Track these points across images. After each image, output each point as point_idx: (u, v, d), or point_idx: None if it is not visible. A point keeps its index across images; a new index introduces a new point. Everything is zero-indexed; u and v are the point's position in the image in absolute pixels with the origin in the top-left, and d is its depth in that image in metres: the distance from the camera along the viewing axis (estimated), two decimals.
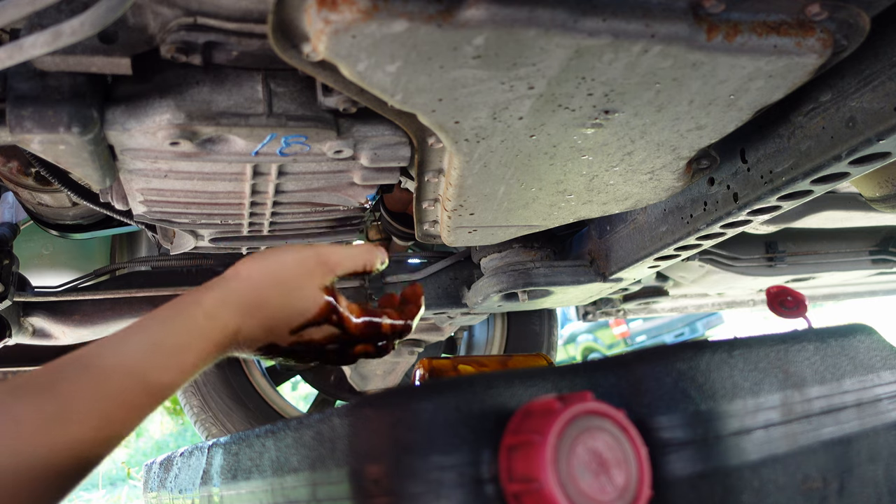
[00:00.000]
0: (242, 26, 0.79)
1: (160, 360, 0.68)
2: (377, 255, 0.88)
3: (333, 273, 0.81)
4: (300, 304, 0.78)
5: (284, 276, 0.78)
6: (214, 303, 0.74)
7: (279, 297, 0.77)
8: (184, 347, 0.70)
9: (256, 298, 0.76)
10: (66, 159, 0.88)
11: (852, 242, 2.11)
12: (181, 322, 0.72)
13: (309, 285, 0.79)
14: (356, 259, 0.85)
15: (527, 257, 1.66)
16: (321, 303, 0.79)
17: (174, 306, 0.74)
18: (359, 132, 0.96)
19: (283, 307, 0.77)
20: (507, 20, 0.66)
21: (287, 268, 0.79)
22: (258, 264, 0.79)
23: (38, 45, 0.66)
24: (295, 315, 0.78)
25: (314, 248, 0.82)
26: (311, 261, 0.80)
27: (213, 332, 0.72)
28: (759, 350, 0.68)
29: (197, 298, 0.74)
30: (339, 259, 0.83)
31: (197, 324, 0.72)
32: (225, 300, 0.75)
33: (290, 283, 0.78)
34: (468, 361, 1.00)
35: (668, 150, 1.01)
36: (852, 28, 0.80)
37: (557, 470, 0.52)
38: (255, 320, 0.76)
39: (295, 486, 0.68)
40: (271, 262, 0.79)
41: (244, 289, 0.77)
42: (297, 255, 0.80)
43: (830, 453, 0.67)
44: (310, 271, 0.79)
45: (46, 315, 1.64)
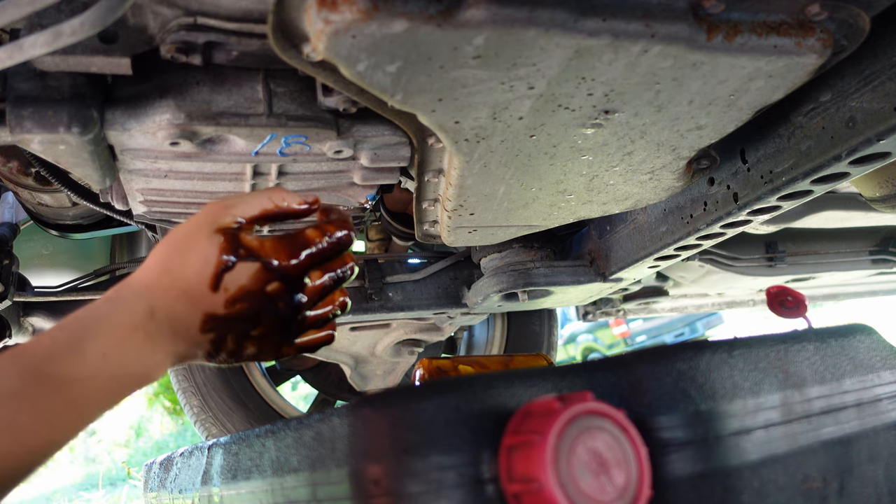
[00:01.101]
0: (242, 26, 0.79)
1: (53, 350, 0.63)
2: (287, 194, 0.79)
3: (228, 214, 0.73)
4: (199, 255, 0.71)
5: (175, 239, 0.73)
6: (115, 289, 0.71)
7: (177, 257, 0.72)
8: (81, 335, 0.64)
9: (155, 270, 0.72)
10: (66, 159, 0.88)
11: (852, 242, 2.11)
12: (80, 313, 0.67)
13: (201, 233, 0.72)
14: (257, 197, 0.76)
15: (527, 257, 1.66)
16: (217, 243, 0.71)
17: (84, 306, 0.70)
18: (359, 132, 0.96)
19: (184, 265, 0.71)
20: (507, 20, 0.66)
21: (177, 232, 0.74)
22: (156, 246, 0.75)
23: (38, 45, 0.66)
24: (199, 268, 0.71)
25: (208, 205, 0.76)
26: (199, 216, 0.74)
27: (117, 316, 0.67)
28: (759, 350, 0.68)
29: (106, 294, 0.70)
30: (233, 201, 0.75)
31: (97, 311, 0.67)
32: (126, 284, 0.71)
33: (182, 240, 0.72)
34: (468, 361, 1.00)
35: (668, 150, 1.01)
36: (852, 28, 0.80)
37: (557, 470, 0.52)
38: (166, 291, 0.70)
39: (295, 486, 0.68)
40: (165, 238, 0.74)
41: (143, 268, 0.73)
42: (188, 220, 0.75)
43: (830, 453, 0.67)
44: (198, 222, 0.73)
45: (46, 315, 1.64)
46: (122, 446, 9.95)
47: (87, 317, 0.66)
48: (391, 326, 2.07)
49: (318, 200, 0.81)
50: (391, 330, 2.09)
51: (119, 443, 10.37)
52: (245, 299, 0.72)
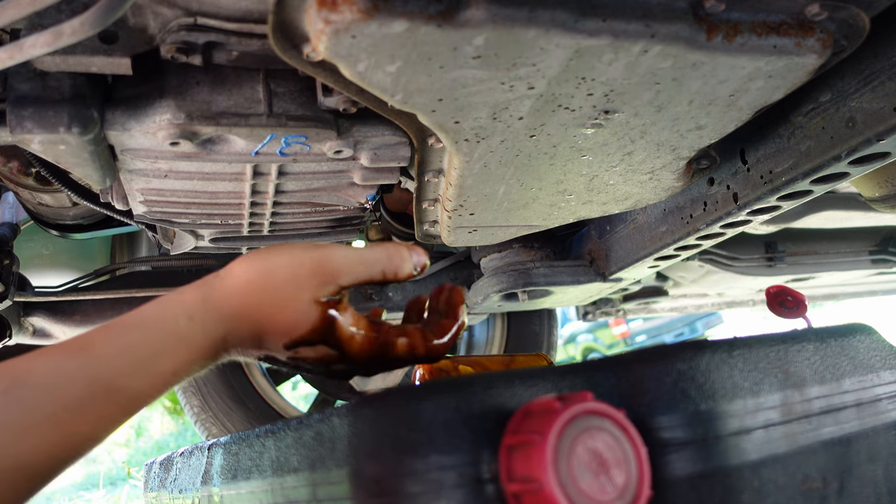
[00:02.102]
0: (242, 26, 0.79)
1: (130, 366, 0.61)
2: (405, 259, 0.73)
3: (334, 283, 0.69)
4: (289, 318, 0.68)
5: (275, 281, 0.68)
6: (197, 304, 0.66)
7: (268, 305, 0.67)
8: (160, 352, 0.63)
9: (244, 303, 0.67)
10: (67, 159, 0.88)
11: (852, 242, 2.12)
12: (158, 324, 0.64)
13: (300, 297, 0.67)
14: (369, 265, 0.71)
15: (527, 257, 1.66)
16: (313, 319, 0.68)
17: (153, 306, 0.66)
18: (359, 132, 0.96)
19: (271, 318, 0.68)
20: (507, 20, 0.67)
21: (278, 273, 0.68)
22: (250, 264, 0.69)
23: (38, 45, 0.66)
24: (284, 329, 0.68)
25: (316, 249, 0.69)
26: (306, 267, 0.68)
27: (194, 337, 0.65)
28: (759, 350, 0.68)
29: (179, 298, 0.67)
30: (343, 266, 0.69)
31: (176, 326, 0.64)
32: (209, 302, 0.67)
33: (280, 291, 0.68)
34: (468, 362, 1.00)
35: (668, 150, 1.01)
36: (852, 28, 0.80)
37: (557, 470, 0.52)
38: (244, 328, 0.68)
39: (295, 486, 0.68)
40: (264, 264, 0.69)
41: (231, 291, 0.68)
42: (292, 259, 0.69)
43: (830, 453, 0.68)
44: (302, 280, 0.68)
45: (47, 315, 1.64)
46: (122, 446, 9.96)
47: (164, 329, 0.64)
48: None
49: (426, 266, 0.75)
50: None
51: (119, 442, 10.38)
52: (307, 362, 0.71)
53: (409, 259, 0.73)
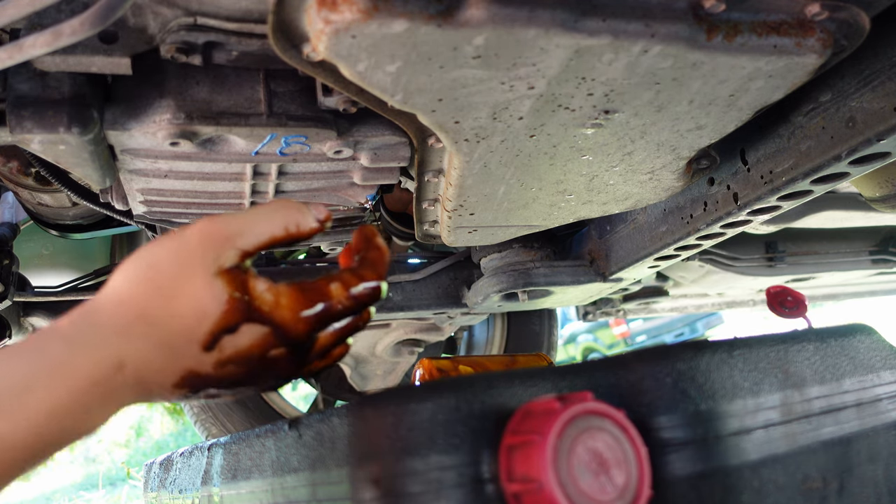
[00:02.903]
0: (242, 26, 0.79)
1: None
2: (303, 210, 0.63)
3: (233, 248, 0.58)
4: (192, 305, 0.56)
5: (161, 271, 0.56)
6: (74, 325, 0.54)
7: (160, 301, 0.56)
8: (29, 387, 0.50)
9: (133, 309, 0.55)
10: (66, 159, 0.88)
11: (852, 242, 2.11)
12: (25, 353, 0.52)
13: (195, 276, 0.56)
14: (270, 221, 0.61)
15: (527, 257, 1.66)
16: (220, 295, 0.56)
17: (29, 338, 0.54)
18: (359, 132, 0.96)
19: (171, 314, 0.55)
20: (507, 20, 0.67)
21: (163, 260, 0.56)
22: (130, 263, 0.57)
23: (38, 45, 0.66)
24: (192, 323, 0.56)
25: (201, 221, 0.59)
26: (191, 241, 0.57)
27: (79, 366, 0.52)
28: (759, 350, 0.68)
29: (55, 325, 0.54)
30: (238, 227, 0.59)
31: (48, 353, 0.52)
32: (90, 318, 0.55)
33: (171, 279, 0.56)
34: (469, 362, 1.00)
35: (668, 150, 1.01)
36: (852, 28, 0.80)
37: (557, 470, 0.52)
38: (142, 342, 0.55)
39: (295, 486, 0.68)
40: (144, 257, 0.57)
41: (116, 299, 0.56)
42: (175, 240, 0.57)
43: (830, 453, 0.68)
44: (192, 257, 0.56)
45: (47, 315, 1.64)
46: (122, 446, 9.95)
47: (32, 358, 0.52)
48: (391, 326, 2.07)
49: (330, 217, 0.67)
50: (391, 330, 2.09)
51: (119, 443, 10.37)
52: (241, 364, 0.59)
53: (308, 211, 0.64)
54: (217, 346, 0.57)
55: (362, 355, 2.21)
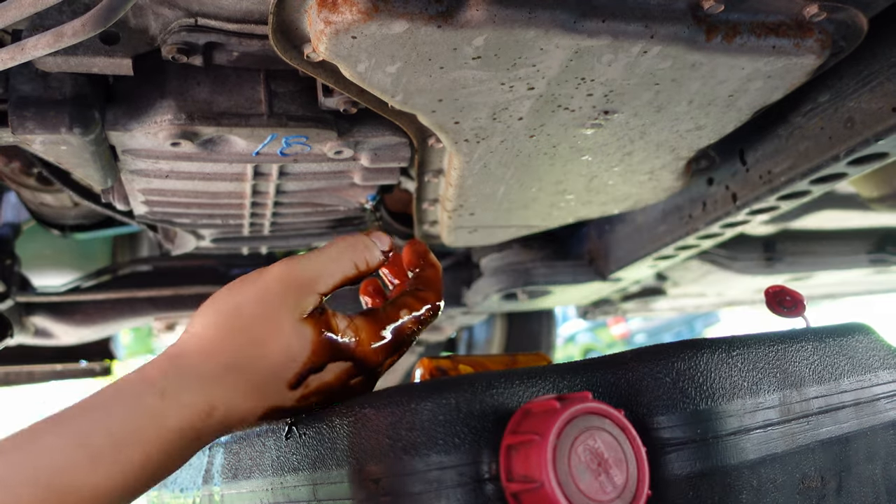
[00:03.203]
0: (243, 27, 0.79)
1: (84, 459, 0.50)
2: (369, 246, 0.66)
3: (313, 293, 0.61)
4: (282, 351, 0.59)
5: (247, 318, 0.59)
6: (166, 376, 0.55)
7: (251, 347, 0.58)
8: (122, 441, 0.52)
9: (222, 357, 0.57)
10: (68, 160, 0.88)
11: (850, 242, 2.12)
12: (119, 405, 0.53)
13: (283, 322, 0.59)
14: (340, 262, 0.64)
15: (526, 257, 1.66)
16: (309, 339, 0.60)
17: (113, 386, 0.55)
18: (359, 133, 0.96)
19: (261, 360, 0.58)
20: (507, 21, 0.67)
21: (247, 307, 0.59)
22: (211, 310, 0.59)
23: (40, 46, 0.66)
24: (282, 367, 0.59)
25: (277, 267, 0.61)
26: (274, 288, 0.59)
27: (171, 416, 0.54)
28: (758, 349, 0.68)
29: (142, 373, 0.56)
30: (315, 272, 0.61)
31: (142, 406, 0.53)
32: (179, 368, 0.56)
33: (258, 326, 0.58)
34: (469, 361, 1.00)
35: (668, 150, 1.02)
36: (850, 29, 0.81)
37: (557, 469, 0.52)
38: (233, 389, 0.57)
39: (295, 485, 0.68)
40: (226, 304, 0.59)
41: (202, 348, 0.58)
42: (256, 287, 0.60)
43: (828, 453, 0.68)
44: (276, 304, 0.59)
45: (48, 315, 1.64)
46: None
47: (126, 411, 0.53)
48: None
49: (393, 246, 0.70)
50: None
51: None
52: (323, 394, 0.63)
53: (374, 245, 0.67)
54: (303, 383, 0.61)
55: None
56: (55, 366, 2.00)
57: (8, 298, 1.45)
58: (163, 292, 1.65)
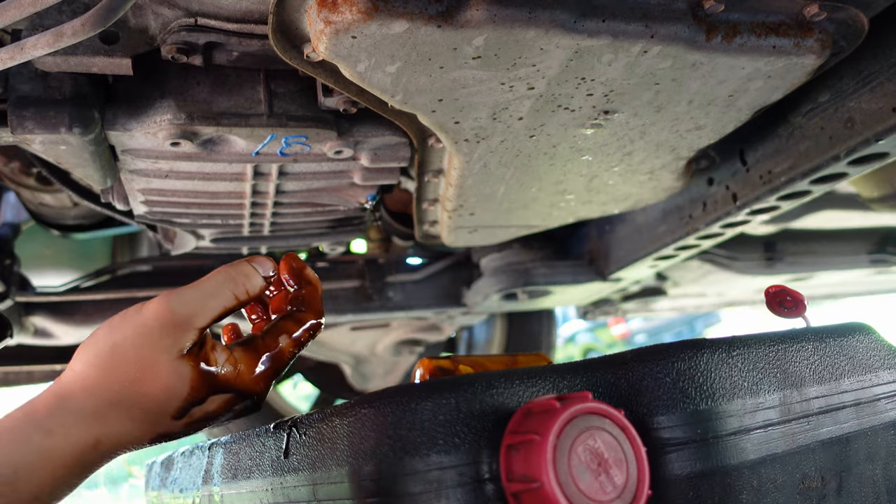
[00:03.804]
0: (243, 27, 0.79)
1: None
2: (249, 275, 0.66)
3: (192, 329, 0.61)
4: (163, 387, 0.60)
5: (126, 358, 0.60)
6: (52, 415, 0.58)
7: (130, 387, 0.59)
8: (15, 477, 0.55)
9: (104, 397, 0.59)
10: (68, 160, 0.88)
11: (850, 242, 2.12)
12: (11, 445, 0.56)
13: (162, 360, 0.60)
14: (219, 296, 0.63)
15: (526, 257, 1.66)
16: (188, 377, 0.61)
17: (2, 425, 0.58)
18: (359, 132, 0.96)
19: (142, 397, 0.60)
20: (507, 21, 0.67)
21: (126, 346, 0.60)
22: (91, 349, 0.61)
23: (39, 45, 0.66)
24: (163, 403, 0.60)
25: (155, 304, 0.61)
26: (152, 326, 0.60)
27: (58, 452, 0.57)
28: (758, 349, 0.68)
29: (31, 412, 0.59)
30: (193, 308, 0.62)
31: (33, 445, 0.56)
32: (64, 407, 0.58)
33: (136, 365, 0.59)
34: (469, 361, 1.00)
35: (668, 150, 1.01)
36: (851, 29, 0.80)
37: (557, 469, 0.52)
38: (117, 423, 0.60)
39: (295, 485, 0.68)
40: (106, 342, 0.60)
41: (85, 386, 0.59)
42: (134, 326, 0.60)
43: (829, 453, 0.68)
44: (155, 341, 0.60)
45: (48, 315, 1.64)
46: None
47: (21, 450, 0.56)
48: (391, 326, 2.07)
49: (275, 267, 0.70)
50: (391, 329, 2.09)
51: None
52: (209, 420, 0.65)
53: (254, 273, 0.67)
54: (187, 414, 0.63)
55: (362, 355, 2.22)
56: (55, 366, 1.99)
57: (7, 298, 1.45)
58: (163, 292, 1.65)
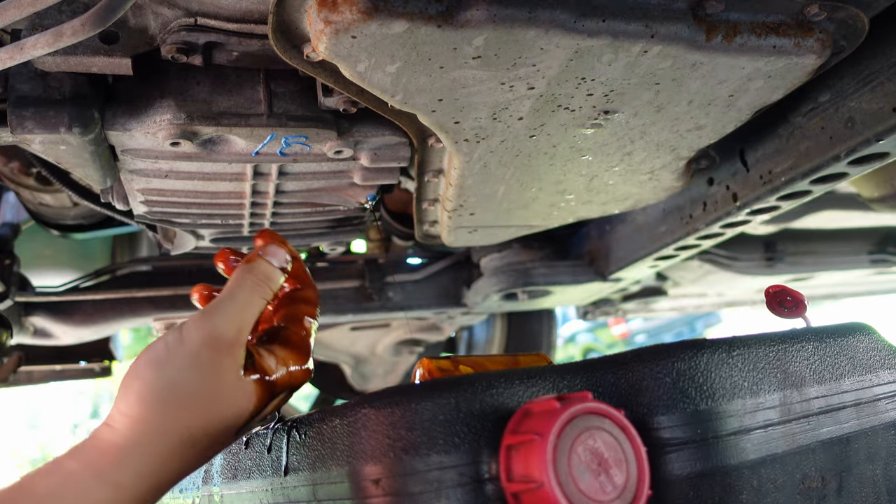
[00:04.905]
0: (243, 27, 0.79)
1: None
2: (271, 275, 0.66)
3: (241, 345, 0.61)
4: (231, 415, 0.60)
5: (187, 393, 0.58)
6: (117, 465, 0.56)
7: (198, 419, 0.58)
8: None
9: (171, 439, 0.57)
10: (68, 159, 0.88)
11: (851, 242, 2.12)
12: (74, 499, 0.54)
13: (225, 389, 0.59)
14: (253, 305, 0.63)
15: (526, 257, 1.66)
16: (252, 394, 0.61)
17: (62, 477, 0.55)
18: (359, 132, 0.96)
19: (210, 426, 0.59)
20: (507, 20, 0.67)
21: (183, 381, 0.58)
22: (143, 390, 0.58)
23: (39, 45, 0.66)
24: (232, 424, 0.61)
25: (199, 332, 0.59)
26: (205, 357, 0.58)
27: (127, 498, 0.56)
28: (758, 349, 0.68)
29: (88, 461, 0.56)
30: (236, 325, 0.61)
31: (98, 500, 0.54)
32: (130, 457, 0.56)
33: (200, 397, 0.58)
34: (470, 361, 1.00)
35: (668, 150, 1.01)
36: (851, 29, 0.80)
37: (557, 469, 0.52)
38: (184, 460, 0.59)
39: (295, 485, 0.68)
40: (158, 381, 0.58)
41: (146, 432, 0.57)
42: (185, 354, 0.58)
43: (829, 453, 0.68)
44: (214, 371, 0.59)
45: (48, 315, 1.64)
46: None
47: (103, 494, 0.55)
48: (391, 326, 2.07)
49: (286, 252, 0.69)
50: (391, 330, 2.09)
51: None
52: (260, 422, 0.67)
53: (274, 270, 0.66)
54: (248, 426, 0.64)
55: (362, 355, 2.22)
56: (55, 366, 2.00)
57: (7, 298, 1.45)
58: (162, 292, 1.65)
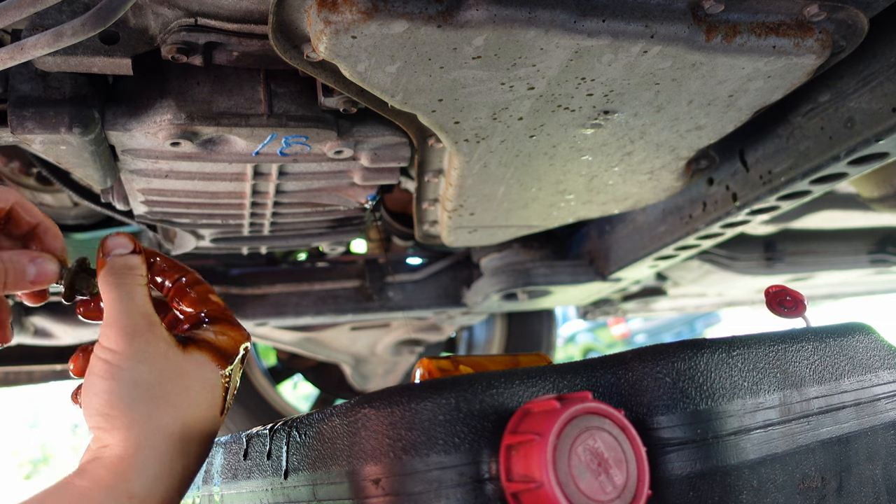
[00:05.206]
0: (243, 27, 0.79)
1: None
2: (121, 262, 0.66)
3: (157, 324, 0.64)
4: (195, 385, 0.64)
5: (150, 383, 0.61)
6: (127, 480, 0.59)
7: (175, 405, 0.62)
8: None
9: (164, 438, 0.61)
10: (68, 160, 0.88)
11: (850, 242, 2.12)
12: None
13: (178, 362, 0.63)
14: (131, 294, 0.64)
15: (526, 257, 1.66)
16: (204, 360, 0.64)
17: (63, 494, 0.57)
18: (359, 132, 0.96)
19: (189, 406, 0.63)
20: (507, 21, 0.67)
21: (144, 373, 0.61)
22: (118, 405, 0.60)
23: (39, 45, 0.66)
24: (207, 397, 0.64)
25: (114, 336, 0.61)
26: (139, 344, 0.61)
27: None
28: (758, 349, 0.68)
29: (111, 484, 0.58)
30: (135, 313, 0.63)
31: None
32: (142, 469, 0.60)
33: (163, 383, 0.62)
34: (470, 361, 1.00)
35: (668, 150, 1.01)
36: (851, 29, 0.80)
37: (557, 469, 0.52)
38: (183, 456, 0.64)
39: (295, 485, 0.68)
40: (124, 386, 0.60)
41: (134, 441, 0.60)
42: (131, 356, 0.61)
43: (829, 453, 0.68)
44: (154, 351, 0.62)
45: (47, 315, 1.64)
46: None
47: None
48: (391, 326, 2.07)
49: (131, 240, 0.69)
50: (391, 329, 2.09)
51: None
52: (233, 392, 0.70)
53: (124, 257, 0.67)
54: (227, 404, 0.67)
55: (363, 355, 2.22)
56: (55, 366, 1.99)
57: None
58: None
